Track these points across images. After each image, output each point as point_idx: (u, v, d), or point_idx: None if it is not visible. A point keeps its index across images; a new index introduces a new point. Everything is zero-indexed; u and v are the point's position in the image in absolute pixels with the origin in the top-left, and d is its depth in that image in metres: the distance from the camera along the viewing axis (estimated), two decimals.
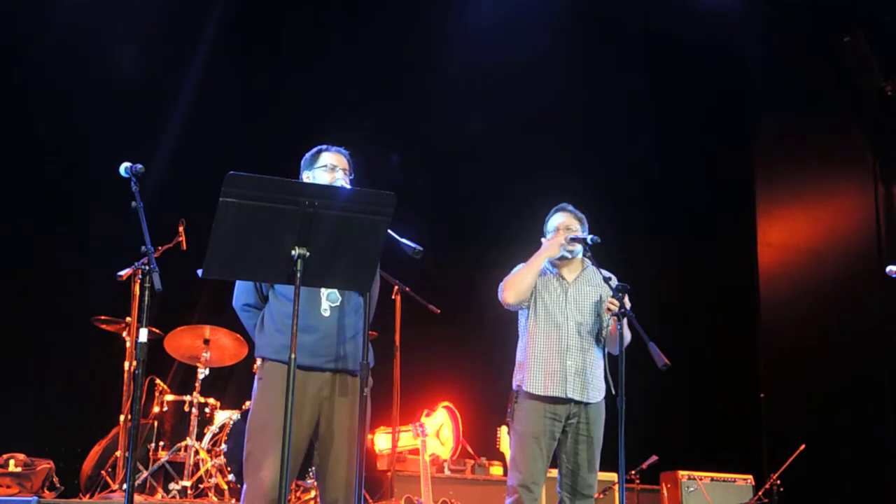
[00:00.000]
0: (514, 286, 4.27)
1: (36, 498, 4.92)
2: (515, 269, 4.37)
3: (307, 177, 3.64)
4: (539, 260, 4.28)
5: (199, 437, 5.86)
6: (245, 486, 3.35)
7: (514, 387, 4.29)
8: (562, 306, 4.26)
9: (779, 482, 6.63)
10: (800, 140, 8.96)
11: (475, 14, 7.89)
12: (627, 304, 4.05)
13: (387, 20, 7.87)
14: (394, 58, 7.84)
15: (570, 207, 4.43)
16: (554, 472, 4.25)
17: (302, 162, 3.71)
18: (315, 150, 3.70)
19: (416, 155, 7.57)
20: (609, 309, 4.05)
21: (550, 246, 4.28)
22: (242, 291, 3.57)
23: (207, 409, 5.97)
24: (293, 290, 3.03)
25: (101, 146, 6.19)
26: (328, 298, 3.45)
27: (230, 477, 5.71)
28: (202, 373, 6.00)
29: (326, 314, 3.44)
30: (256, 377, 3.49)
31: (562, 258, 4.33)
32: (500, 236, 7.06)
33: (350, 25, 7.72)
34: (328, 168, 3.61)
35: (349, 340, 3.45)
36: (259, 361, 3.51)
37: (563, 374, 4.15)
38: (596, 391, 4.22)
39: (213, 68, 7.10)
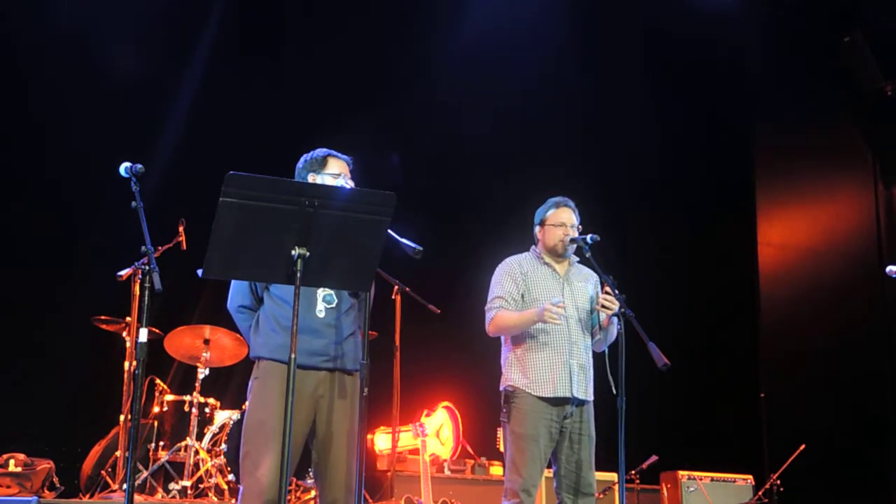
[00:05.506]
0: (500, 330, 4.20)
1: (36, 498, 4.92)
2: (499, 282, 4.23)
3: (313, 180, 3.60)
4: (531, 320, 4.06)
5: (199, 437, 5.86)
6: (242, 487, 3.35)
7: (507, 387, 4.15)
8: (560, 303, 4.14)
9: (779, 482, 6.62)
10: (800, 140, 8.96)
11: (475, 15, 7.89)
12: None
13: (387, 20, 7.87)
14: (394, 57, 7.84)
15: (571, 203, 4.33)
16: (550, 472, 4.20)
17: (302, 162, 3.67)
18: (324, 153, 3.66)
19: (416, 155, 7.57)
20: (608, 308, 4.00)
21: (544, 317, 3.97)
22: (237, 293, 3.57)
23: (207, 409, 5.97)
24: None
25: (101, 146, 6.19)
26: (324, 300, 3.46)
27: (230, 477, 5.71)
28: (202, 373, 5.99)
29: (322, 315, 3.45)
30: (252, 377, 3.49)
31: (558, 255, 4.27)
32: (501, 236, 7.04)
33: (350, 25, 7.71)
34: (334, 176, 3.61)
35: (345, 340, 3.46)
36: (255, 362, 3.51)
37: (569, 373, 4.07)
38: (591, 389, 4.20)
39: (213, 68, 7.09)
